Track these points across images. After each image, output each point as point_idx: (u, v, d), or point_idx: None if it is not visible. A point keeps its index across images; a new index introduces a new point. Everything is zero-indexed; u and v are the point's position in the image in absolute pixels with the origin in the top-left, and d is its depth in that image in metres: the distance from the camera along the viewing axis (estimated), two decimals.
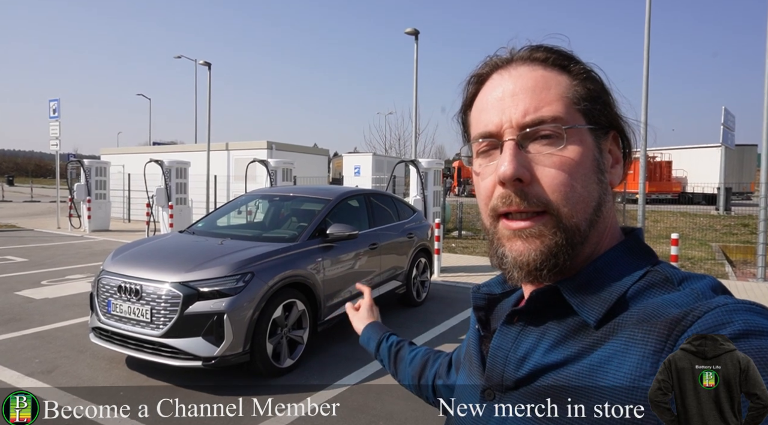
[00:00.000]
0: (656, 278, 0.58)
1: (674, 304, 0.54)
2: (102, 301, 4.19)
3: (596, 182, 0.61)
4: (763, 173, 8.68)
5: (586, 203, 0.60)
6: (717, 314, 0.50)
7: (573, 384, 0.56)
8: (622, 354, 0.53)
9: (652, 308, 0.55)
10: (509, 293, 0.75)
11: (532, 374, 0.60)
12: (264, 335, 4.05)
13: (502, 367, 0.64)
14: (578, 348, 0.57)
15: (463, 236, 14.51)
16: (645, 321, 0.54)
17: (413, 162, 9.00)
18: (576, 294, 0.59)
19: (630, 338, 0.53)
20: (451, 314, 6.33)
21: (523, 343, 0.63)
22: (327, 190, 6.05)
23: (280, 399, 3.97)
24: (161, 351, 3.88)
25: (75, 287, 7.34)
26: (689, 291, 0.55)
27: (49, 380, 4.09)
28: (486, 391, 0.66)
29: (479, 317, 0.74)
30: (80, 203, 14.77)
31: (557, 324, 0.61)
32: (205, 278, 3.92)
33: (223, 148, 16.02)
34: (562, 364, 0.58)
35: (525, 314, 0.64)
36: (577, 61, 0.64)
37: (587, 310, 0.58)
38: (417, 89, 12.59)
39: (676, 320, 0.51)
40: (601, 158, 0.62)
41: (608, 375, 0.53)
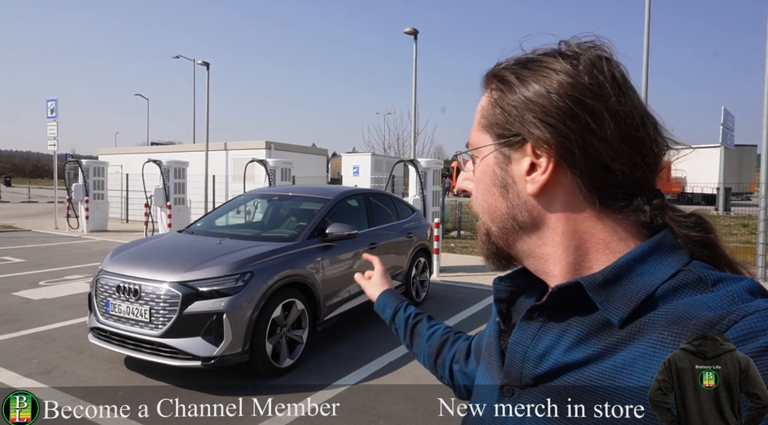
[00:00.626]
0: (688, 278, 0.56)
1: (707, 306, 0.51)
2: (100, 301, 4.18)
3: (498, 195, 0.65)
4: (763, 173, 8.69)
5: (490, 212, 0.67)
6: (755, 319, 0.48)
7: (595, 385, 0.54)
8: (648, 356, 0.51)
9: (683, 310, 0.52)
10: (533, 286, 0.73)
11: (552, 372, 0.59)
12: (263, 335, 4.05)
13: (521, 363, 0.63)
14: (601, 348, 0.56)
15: (462, 236, 14.51)
16: (675, 322, 0.52)
17: (412, 162, 9.00)
18: (600, 291, 0.57)
19: (658, 340, 0.51)
20: (451, 313, 6.33)
21: (543, 339, 0.62)
22: (326, 189, 6.05)
23: (279, 399, 3.95)
24: (160, 351, 3.88)
25: (73, 288, 7.33)
26: (724, 293, 0.53)
27: (47, 380, 4.08)
28: (504, 387, 0.65)
29: (500, 309, 0.73)
30: (78, 204, 14.75)
31: (579, 321, 0.59)
32: (204, 278, 3.91)
33: (221, 148, 16.00)
34: (584, 363, 0.56)
35: (546, 309, 0.63)
36: (498, 76, 0.65)
37: (611, 308, 0.56)
38: (416, 89, 12.60)
39: (711, 323, 0.49)
40: (503, 171, 0.65)
41: (633, 377, 0.51)
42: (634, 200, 0.60)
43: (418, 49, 13.41)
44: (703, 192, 25.50)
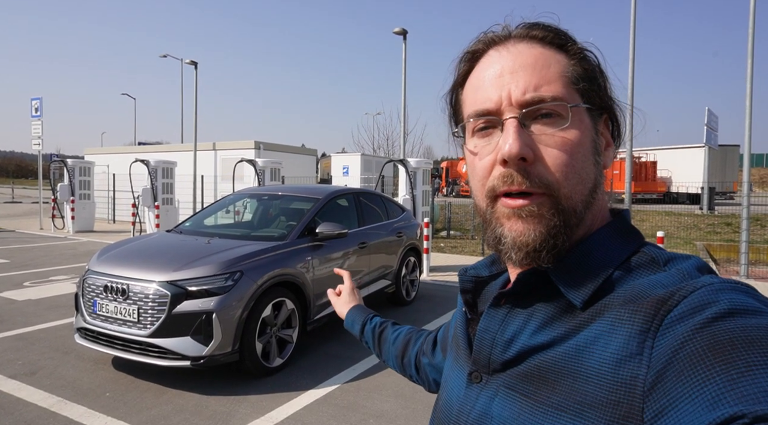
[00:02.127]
0: (642, 259, 0.58)
1: (660, 284, 0.54)
2: (87, 301, 4.13)
3: (593, 163, 0.61)
4: (745, 173, 8.84)
5: (584, 185, 0.60)
6: (703, 293, 0.50)
7: (560, 365, 0.55)
8: (608, 334, 0.53)
9: (639, 289, 0.55)
10: (496, 275, 0.75)
11: (519, 355, 0.60)
12: (253, 334, 4.02)
13: (489, 349, 0.63)
14: (565, 329, 0.57)
15: (451, 235, 14.56)
16: (631, 301, 0.54)
17: (402, 162, 9.00)
18: (563, 276, 0.59)
19: (616, 318, 0.53)
20: (441, 313, 6.34)
21: (510, 325, 0.62)
22: (316, 189, 6.03)
23: (270, 398, 3.98)
24: (149, 351, 3.84)
25: (59, 289, 7.23)
26: (675, 271, 0.56)
27: (32, 382, 4.02)
28: (473, 374, 0.66)
29: (466, 300, 0.74)
30: (64, 204, 14.55)
31: (544, 305, 0.60)
32: (193, 277, 3.88)
33: (210, 148, 15.88)
34: (549, 345, 0.57)
35: (512, 296, 0.64)
36: (573, 40, 0.63)
37: (574, 292, 0.58)
38: (405, 89, 12.60)
39: (663, 299, 0.52)
40: (597, 139, 0.62)
41: (594, 355, 0.53)
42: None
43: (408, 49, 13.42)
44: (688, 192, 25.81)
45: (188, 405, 3.67)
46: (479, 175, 0.63)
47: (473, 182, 0.65)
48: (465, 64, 0.67)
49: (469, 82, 0.66)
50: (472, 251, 11.64)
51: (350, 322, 1.20)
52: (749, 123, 8.70)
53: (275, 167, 10.96)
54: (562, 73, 0.60)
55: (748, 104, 8.70)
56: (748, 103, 8.69)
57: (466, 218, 18.17)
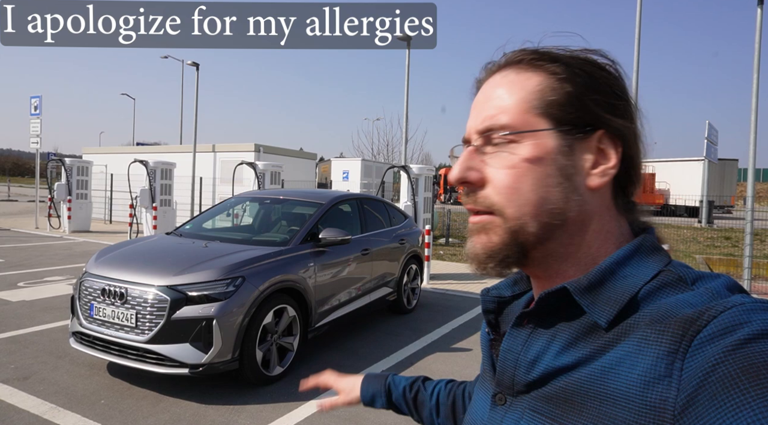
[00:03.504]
0: (669, 278, 0.57)
1: (688, 304, 0.52)
2: (84, 304, 4.02)
3: (555, 185, 0.60)
4: (749, 187, 8.79)
5: (537, 206, 0.60)
6: (734, 313, 0.48)
7: (585, 387, 0.54)
8: (634, 355, 0.52)
9: (666, 309, 0.53)
10: (519, 295, 0.73)
11: (544, 377, 0.59)
12: (254, 342, 3.92)
13: (513, 370, 0.63)
14: (590, 350, 0.56)
15: (450, 243, 14.47)
16: (658, 321, 0.52)
17: (404, 168, 8.93)
18: (586, 295, 0.58)
19: (642, 339, 0.52)
20: (442, 322, 6.24)
21: (533, 346, 0.62)
22: (319, 194, 5.94)
23: (270, 408, 3.83)
24: (146, 357, 3.73)
25: (54, 290, 7.10)
26: (704, 290, 0.54)
27: (25, 387, 3.90)
28: (497, 396, 0.65)
29: (489, 320, 0.73)
30: (60, 203, 14.41)
31: (568, 325, 0.60)
32: (193, 282, 3.78)
33: (209, 150, 15.78)
34: (574, 366, 0.56)
35: (534, 316, 0.63)
36: (556, 59, 0.62)
37: (598, 311, 0.57)
38: (408, 95, 12.55)
39: (691, 319, 0.50)
40: (567, 160, 0.60)
41: (620, 376, 0.52)
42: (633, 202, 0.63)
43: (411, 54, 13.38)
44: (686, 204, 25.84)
45: (186, 415, 3.56)
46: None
47: None
48: (475, 91, 0.70)
49: None
50: None
51: (369, 397, 1.06)
52: (754, 138, 8.66)
53: (275, 170, 10.87)
54: (524, 98, 0.61)
55: (753, 119, 8.67)
56: (753, 119, 8.66)
57: (464, 226, 18.12)
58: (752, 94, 8.73)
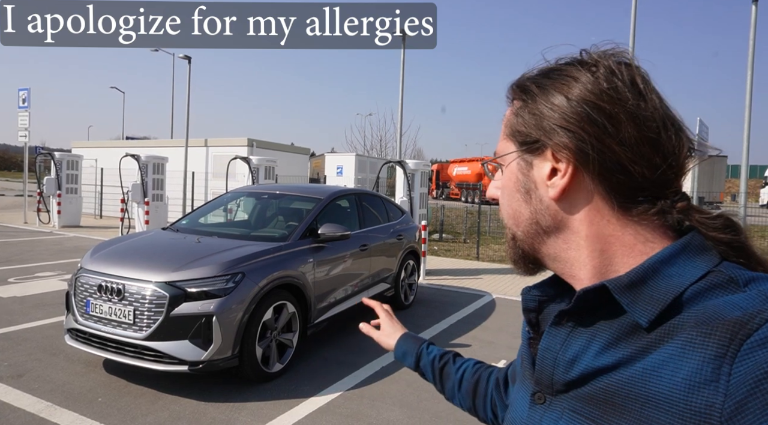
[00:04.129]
0: (719, 279, 0.55)
1: (737, 306, 0.50)
2: (80, 301, 3.95)
3: (521, 200, 0.66)
4: (742, 183, 8.87)
5: (515, 218, 0.68)
6: None
7: (626, 389, 0.54)
8: (678, 357, 0.51)
9: (713, 310, 0.51)
10: (561, 294, 0.72)
11: (583, 377, 0.58)
12: (254, 338, 3.87)
13: (552, 369, 0.63)
14: (631, 351, 0.55)
15: (443, 239, 14.47)
16: (705, 323, 0.51)
17: (400, 163, 8.89)
18: (625, 293, 0.57)
19: (687, 341, 0.51)
20: (440, 318, 6.23)
21: (572, 345, 0.61)
22: (317, 189, 5.89)
23: (270, 405, 3.78)
24: (144, 354, 3.67)
25: (45, 286, 6.99)
26: (756, 293, 0.52)
27: (19, 385, 3.82)
28: (536, 394, 0.65)
29: (529, 319, 0.73)
30: (50, 198, 14.20)
31: (608, 325, 0.59)
32: (192, 278, 3.72)
33: (201, 144, 15.62)
34: (615, 367, 0.56)
35: (573, 314, 0.62)
36: (525, 89, 0.66)
37: (639, 310, 0.55)
38: (403, 91, 12.49)
39: (741, 322, 0.48)
40: (526, 177, 0.66)
41: (663, 379, 0.51)
42: (657, 203, 0.60)
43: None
44: None
45: (185, 412, 3.51)
46: None
47: None
48: None
49: None
50: (466, 255, 11.56)
51: (401, 354, 1.15)
52: (747, 135, 8.74)
53: (270, 165, 10.79)
54: (503, 129, 0.70)
55: (747, 117, 8.74)
56: (746, 117, 8.73)
57: (457, 222, 18.11)
58: (746, 91, 8.79)
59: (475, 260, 10.92)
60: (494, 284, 8.31)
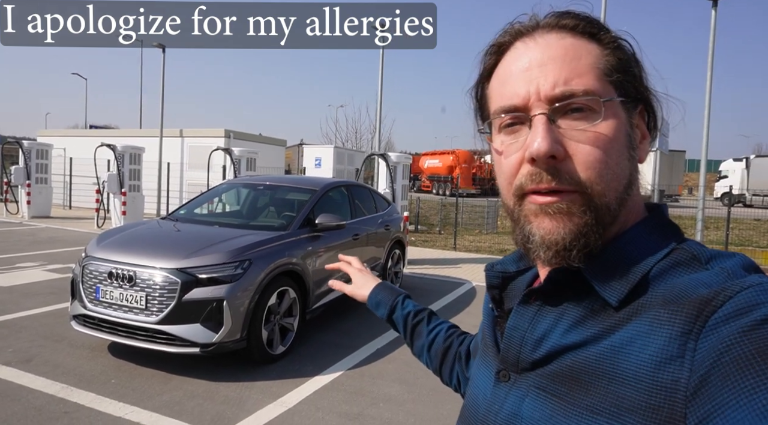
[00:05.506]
0: (682, 257, 0.55)
1: (703, 283, 0.51)
2: (88, 288, 4.06)
3: (628, 158, 0.58)
4: (702, 177, 9.50)
5: (619, 181, 0.57)
6: (750, 294, 0.47)
7: (594, 366, 0.53)
8: (646, 335, 0.51)
9: (679, 288, 0.52)
10: (524, 271, 0.72)
11: (550, 355, 0.58)
12: (260, 322, 4.08)
13: (518, 348, 0.61)
14: (599, 329, 0.55)
15: (419, 230, 14.82)
16: (671, 301, 0.51)
17: (383, 156, 9.15)
18: (597, 274, 0.57)
19: (655, 319, 0.51)
20: (425, 304, 6.44)
21: (540, 323, 0.60)
22: (311, 180, 6.09)
23: (278, 384, 4.14)
24: (156, 337, 3.83)
25: (30, 276, 6.96)
26: (719, 270, 0.52)
27: (30, 369, 3.93)
28: (501, 372, 0.64)
29: (493, 295, 0.72)
30: (17, 188, 13.84)
31: (576, 304, 0.58)
32: (203, 265, 3.90)
33: (176, 135, 15.47)
34: (582, 345, 0.55)
35: (543, 293, 0.61)
36: (606, 29, 0.60)
37: (609, 290, 0.55)
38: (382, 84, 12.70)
39: (706, 300, 0.49)
40: (632, 132, 0.59)
41: (631, 356, 0.51)
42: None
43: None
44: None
45: (198, 391, 3.70)
46: (506, 173, 0.61)
47: (500, 179, 0.63)
48: (491, 56, 0.64)
49: (495, 77, 0.63)
50: (443, 246, 11.93)
51: (374, 303, 1.09)
52: (706, 132, 9.35)
53: (251, 156, 10.86)
54: (594, 64, 0.57)
55: (706, 115, 9.35)
56: (706, 114, 9.33)
57: (431, 213, 18.53)
58: (706, 91, 9.38)
59: (452, 251, 11.30)
60: (473, 273, 8.68)
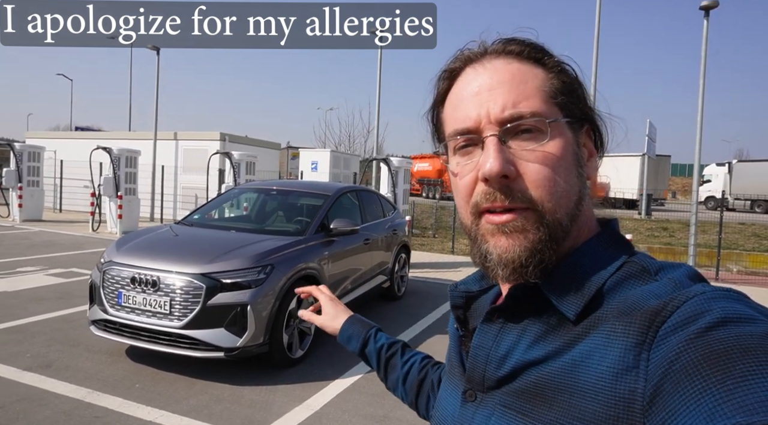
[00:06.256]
0: (633, 269, 0.58)
1: (653, 295, 0.53)
2: (110, 293, 4.08)
3: (576, 175, 0.61)
4: (694, 182, 9.74)
5: (569, 198, 0.60)
6: (696, 303, 0.50)
7: (556, 381, 0.54)
8: (603, 347, 0.52)
9: (632, 300, 0.54)
10: (486, 290, 0.73)
11: (515, 371, 0.59)
12: (281, 326, 4.13)
13: (484, 366, 0.62)
14: (559, 344, 0.56)
15: (414, 233, 14.92)
16: (625, 313, 0.53)
17: (385, 160, 9.24)
18: (554, 289, 0.59)
19: (611, 331, 0.53)
20: (432, 307, 6.63)
21: (503, 341, 0.62)
22: (323, 186, 6.14)
23: (300, 387, 4.24)
24: (179, 342, 3.86)
25: (34, 281, 6.91)
26: (667, 281, 0.55)
27: (51, 374, 3.93)
28: (467, 392, 0.64)
29: (458, 316, 0.73)
30: (9, 191, 13.66)
31: (537, 319, 0.60)
32: (227, 270, 3.93)
33: (171, 138, 15.38)
34: (544, 360, 0.56)
35: (504, 311, 0.63)
36: (550, 54, 0.63)
37: (566, 304, 0.57)
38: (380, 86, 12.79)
39: (656, 311, 0.51)
40: (579, 151, 0.62)
41: (590, 369, 0.52)
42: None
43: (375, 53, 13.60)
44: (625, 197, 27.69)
45: (223, 395, 3.74)
46: (462, 193, 0.63)
47: (457, 199, 0.65)
48: (444, 82, 0.67)
49: (448, 101, 0.66)
50: (441, 249, 12.04)
51: (346, 337, 1.06)
52: (699, 137, 9.59)
53: (251, 160, 10.86)
54: (540, 87, 0.60)
55: (699, 120, 9.60)
56: (699, 119, 9.58)
57: (423, 217, 18.64)
58: (699, 96, 9.63)
59: (450, 254, 11.41)
60: None
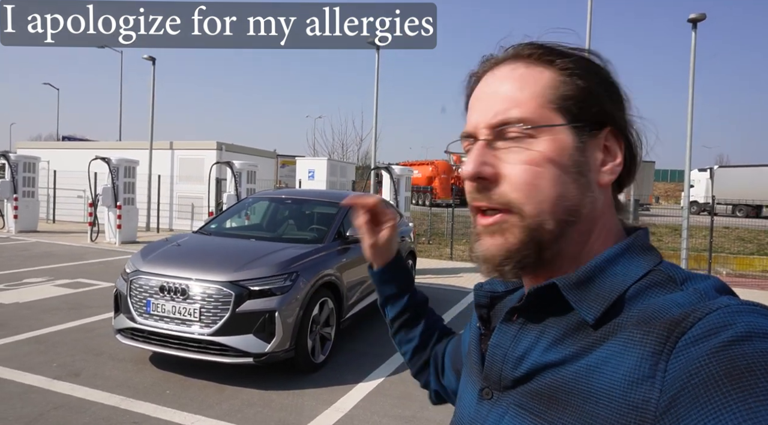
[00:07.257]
0: (659, 278, 0.57)
1: (676, 304, 0.52)
2: (138, 301, 4.17)
3: (571, 181, 0.59)
4: (686, 186, 10.06)
5: (555, 203, 0.59)
6: (719, 315, 0.48)
7: (570, 385, 0.54)
8: (620, 355, 0.52)
9: (653, 309, 0.53)
10: (512, 291, 0.74)
11: (531, 372, 0.59)
12: (306, 331, 4.26)
13: (501, 365, 0.63)
14: (577, 348, 0.56)
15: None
16: (645, 321, 0.52)
17: (388, 169, 9.40)
18: (574, 291, 0.58)
19: (629, 338, 0.52)
20: (441, 312, 6.64)
21: (522, 341, 0.62)
22: (335, 194, 6.28)
23: (327, 391, 4.46)
24: (209, 348, 3.96)
25: (42, 292, 6.92)
26: (692, 291, 0.54)
27: (82, 382, 4.00)
28: (484, 390, 0.65)
29: (481, 315, 0.73)
30: (4, 202, 13.56)
31: (557, 321, 0.60)
32: (255, 277, 4.05)
33: (166, 147, 15.39)
34: (561, 363, 0.57)
35: (524, 311, 0.63)
36: (566, 55, 0.62)
37: (585, 308, 0.57)
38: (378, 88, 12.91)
39: (677, 321, 0.50)
40: (582, 156, 0.60)
41: (605, 376, 0.52)
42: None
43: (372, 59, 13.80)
44: None
45: (254, 400, 3.85)
46: (466, 191, 0.65)
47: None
48: (471, 85, 0.70)
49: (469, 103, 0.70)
50: (439, 255, 12.21)
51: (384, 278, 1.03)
52: (690, 144, 9.93)
53: (251, 169, 10.96)
54: (539, 93, 0.61)
55: (689, 127, 9.94)
56: (689, 127, 9.92)
57: (416, 224, 18.85)
58: (688, 104, 9.98)
59: (449, 260, 11.59)
60: (475, 282, 8.93)
